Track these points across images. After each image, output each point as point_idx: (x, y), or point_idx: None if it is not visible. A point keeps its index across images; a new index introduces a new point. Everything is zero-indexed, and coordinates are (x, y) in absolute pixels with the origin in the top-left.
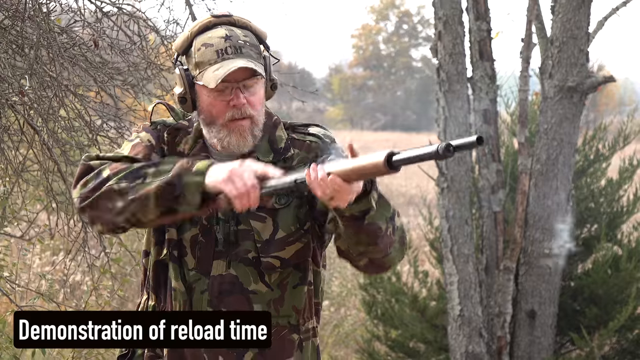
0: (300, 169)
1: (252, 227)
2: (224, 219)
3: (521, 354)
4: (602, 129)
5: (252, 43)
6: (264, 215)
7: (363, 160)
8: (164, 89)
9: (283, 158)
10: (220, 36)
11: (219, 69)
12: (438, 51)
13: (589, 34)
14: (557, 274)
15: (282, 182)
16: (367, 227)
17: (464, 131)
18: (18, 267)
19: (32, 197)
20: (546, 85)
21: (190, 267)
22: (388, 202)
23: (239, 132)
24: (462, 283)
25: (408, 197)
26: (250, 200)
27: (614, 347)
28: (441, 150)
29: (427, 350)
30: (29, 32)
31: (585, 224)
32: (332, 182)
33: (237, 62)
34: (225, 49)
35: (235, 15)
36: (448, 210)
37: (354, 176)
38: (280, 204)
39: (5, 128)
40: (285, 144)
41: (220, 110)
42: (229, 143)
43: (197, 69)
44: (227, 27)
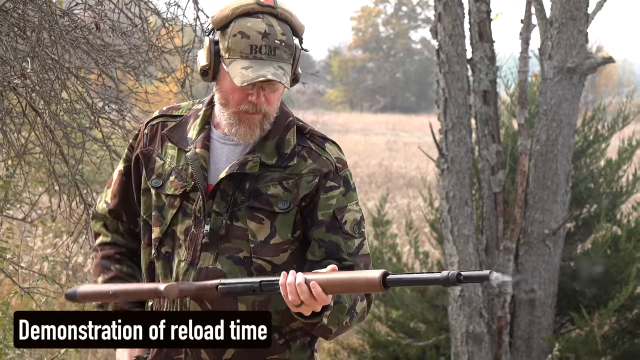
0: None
1: (248, 226)
2: (218, 212)
3: (521, 333)
4: (602, 109)
5: (287, 43)
6: (262, 217)
7: (356, 274)
8: (165, 71)
9: (285, 165)
10: (259, 31)
11: (249, 69)
12: (438, 33)
13: (588, 15)
14: (557, 254)
15: (245, 282)
16: (317, 329)
17: (463, 112)
18: (21, 249)
19: (34, 179)
20: (545, 66)
21: (182, 258)
22: (344, 305)
23: (249, 124)
24: (463, 263)
25: (408, 179)
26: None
27: (613, 327)
28: (452, 278)
29: (427, 331)
30: (30, 15)
31: (584, 205)
32: (313, 289)
33: (267, 69)
34: (260, 47)
35: (279, 6)
36: (448, 192)
37: (341, 288)
38: (280, 208)
39: (8, 110)
40: (291, 151)
41: (237, 100)
42: (237, 132)
43: (227, 52)
44: (268, 20)
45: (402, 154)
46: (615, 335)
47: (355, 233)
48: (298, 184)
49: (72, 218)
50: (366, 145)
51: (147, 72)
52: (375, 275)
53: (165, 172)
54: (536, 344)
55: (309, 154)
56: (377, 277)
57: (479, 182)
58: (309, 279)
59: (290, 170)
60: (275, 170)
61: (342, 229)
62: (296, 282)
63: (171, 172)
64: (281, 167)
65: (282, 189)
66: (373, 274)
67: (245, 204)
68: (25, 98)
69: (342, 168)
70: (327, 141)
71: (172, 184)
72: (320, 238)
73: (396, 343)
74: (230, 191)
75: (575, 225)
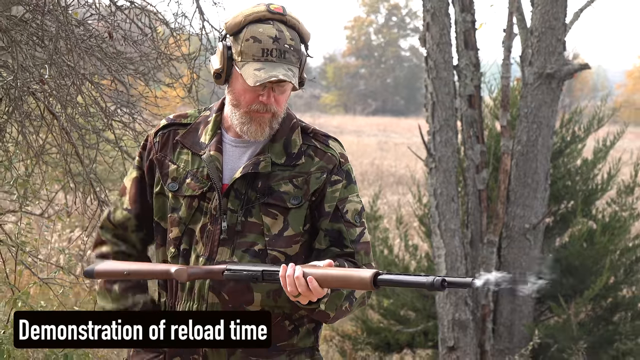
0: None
1: (263, 222)
2: (233, 209)
3: (503, 320)
4: (578, 112)
5: (295, 47)
6: (275, 212)
7: (350, 272)
8: (173, 77)
9: (293, 164)
10: (270, 35)
11: (261, 70)
12: (426, 41)
13: (565, 24)
14: (537, 247)
15: (248, 270)
16: (316, 314)
17: (450, 115)
18: (39, 242)
19: (51, 178)
20: (526, 72)
21: (200, 253)
22: (341, 292)
23: (259, 122)
24: (449, 256)
25: (398, 177)
26: None
27: (589, 314)
28: (437, 283)
29: (416, 318)
30: (48, 25)
31: (562, 201)
32: (310, 283)
33: (278, 70)
34: (271, 50)
35: (287, 14)
36: (436, 189)
37: (335, 283)
38: (293, 204)
39: (27, 114)
40: (298, 150)
41: (248, 100)
42: (248, 130)
43: (240, 56)
44: (278, 26)
45: (392, 153)
46: (591, 322)
47: (356, 222)
48: (308, 180)
49: (87, 214)
50: (359, 146)
51: (156, 78)
52: (367, 275)
53: (180, 175)
54: (517, 331)
55: (315, 153)
56: (368, 277)
57: (465, 180)
58: (307, 272)
59: (299, 169)
60: (285, 169)
61: (344, 218)
62: (295, 275)
63: (187, 176)
64: (290, 165)
65: (292, 186)
66: (365, 274)
67: (260, 201)
68: (43, 102)
69: (344, 163)
70: (329, 138)
71: (189, 185)
72: (325, 228)
73: (387, 329)
74: (244, 190)
75: (553, 220)
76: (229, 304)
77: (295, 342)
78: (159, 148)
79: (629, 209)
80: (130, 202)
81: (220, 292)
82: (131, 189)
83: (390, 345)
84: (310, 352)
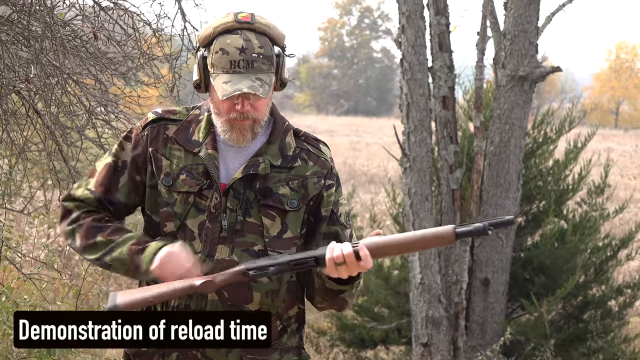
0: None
1: (263, 223)
2: (231, 209)
3: (476, 318)
4: (550, 114)
5: (265, 54)
6: (274, 214)
7: (428, 232)
8: (155, 76)
9: (290, 166)
10: (237, 46)
11: (228, 83)
12: (402, 43)
13: (538, 28)
14: (509, 245)
15: (273, 263)
16: (339, 298)
17: (424, 116)
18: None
19: (32, 174)
20: (499, 74)
21: (198, 250)
22: (360, 280)
23: (239, 129)
24: (423, 254)
25: (370, 176)
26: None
27: (560, 313)
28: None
29: (390, 315)
30: (34, 25)
31: (534, 201)
32: (364, 256)
33: (244, 83)
34: (238, 62)
35: (257, 21)
36: (410, 188)
37: (416, 246)
38: (290, 207)
39: (13, 112)
40: (292, 153)
41: (226, 109)
42: (230, 137)
43: (212, 67)
44: (246, 35)
45: (364, 153)
46: (562, 320)
47: (347, 224)
48: (305, 185)
49: None
50: (332, 146)
51: (136, 77)
52: (449, 229)
53: (173, 171)
54: (490, 328)
55: (309, 156)
56: (450, 231)
57: (438, 179)
58: (369, 243)
59: (295, 172)
60: (281, 171)
61: (338, 221)
62: (345, 253)
63: (181, 171)
64: (286, 168)
65: (289, 189)
66: (446, 229)
67: (261, 202)
68: (28, 101)
69: (333, 167)
70: (320, 142)
71: (184, 182)
72: (323, 231)
73: (362, 326)
74: (242, 190)
75: (525, 219)
76: (229, 301)
77: (284, 341)
78: (148, 142)
79: (599, 209)
80: (96, 184)
81: (220, 290)
82: (100, 172)
83: (365, 341)
84: (297, 351)
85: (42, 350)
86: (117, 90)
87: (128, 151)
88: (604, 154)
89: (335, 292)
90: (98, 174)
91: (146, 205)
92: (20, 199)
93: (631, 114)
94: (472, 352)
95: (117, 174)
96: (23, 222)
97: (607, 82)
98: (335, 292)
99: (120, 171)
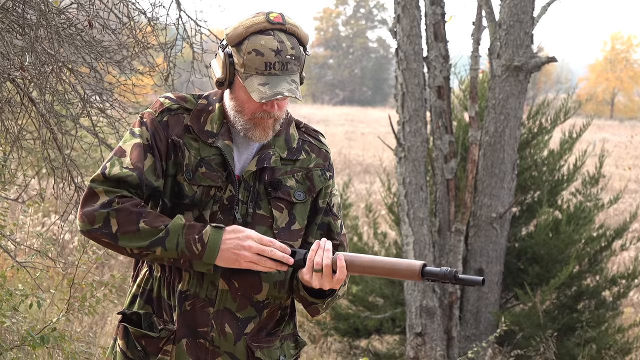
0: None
1: (273, 215)
2: (243, 201)
3: (470, 308)
4: (545, 104)
5: (296, 56)
6: (282, 206)
7: (398, 262)
8: (151, 65)
9: (295, 159)
10: (272, 48)
11: (265, 85)
12: (397, 33)
13: (533, 18)
14: (503, 235)
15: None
16: (311, 307)
17: (419, 106)
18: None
19: (26, 163)
20: (494, 64)
21: None
22: (338, 293)
23: (263, 127)
24: (417, 244)
25: (365, 166)
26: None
27: (554, 303)
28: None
29: (385, 304)
30: (29, 13)
31: (529, 191)
32: (339, 261)
33: (282, 86)
34: (274, 64)
35: (287, 22)
36: (405, 178)
37: (380, 272)
38: (297, 199)
39: (7, 100)
40: (297, 145)
41: (252, 109)
42: (252, 135)
43: (243, 67)
44: (279, 37)
45: (359, 143)
46: (556, 310)
47: (338, 214)
48: (311, 177)
49: (63, 198)
50: (327, 135)
51: (131, 66)
52: (417, 265)
53: (192, 163)
54: (484, 318)
55: (311, 148)
56: (417, 266)
57: (433, 169)
58: (348, 256)
59: (299, 164)
60: (287, 163)
61: (331, 211)
62: (324, 247)
63: (199, 164)
64: (292, 160)
65: (295, 181)
66: (414, 264)
67: (272, 195)
68: (22, 89)
69: (330, 157)
70: (319, 133)
71: (204, 174)
72: (317, 222)
73: (356, 315)
74: (252, 182)
75: (520, 209)
76: (239, 291)
77: (282, 329)
78: (169, 129)
79: (593, 200)
80: (133, 162)
81: (230, 279)
82: (132, 151)
83: (359, 331)
84: (293, 338)
85: (36, 339)
86: (112, 78)
87: (149, 136)
88: (599, 145)
89: (308, 301)
90: (129, 153)
91: (164, 192)
92: (15, 187)
93: (626, 105)
94: (466, 341)
95: (148, 156)
96: (17, 211)
97: (602, 73)
98: (308, 301)
99: (152, 154)
